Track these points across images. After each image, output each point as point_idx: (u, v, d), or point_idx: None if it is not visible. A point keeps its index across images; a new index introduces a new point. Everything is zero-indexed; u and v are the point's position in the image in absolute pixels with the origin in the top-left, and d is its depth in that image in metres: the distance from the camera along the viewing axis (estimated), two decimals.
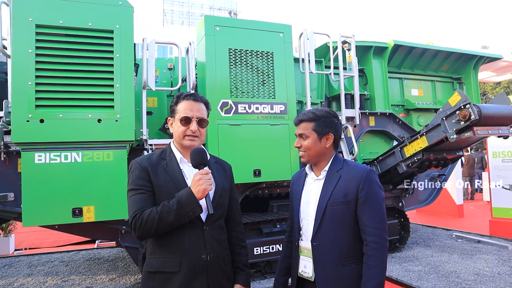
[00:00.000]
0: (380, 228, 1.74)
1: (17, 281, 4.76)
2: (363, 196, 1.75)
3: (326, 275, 1.75)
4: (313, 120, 1.86)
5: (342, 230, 1.77)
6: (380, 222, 1.75)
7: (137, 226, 1.61)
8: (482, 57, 6.82)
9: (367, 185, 1.77)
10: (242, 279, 1.87)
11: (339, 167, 1.85)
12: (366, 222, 1.74)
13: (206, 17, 4.58)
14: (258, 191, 5.03)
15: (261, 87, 4.62)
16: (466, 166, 12.11)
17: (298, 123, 1.91)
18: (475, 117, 3.92)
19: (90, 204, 3.69)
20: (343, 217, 1.76)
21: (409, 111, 6.39)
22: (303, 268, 1.85)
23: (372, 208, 1.75)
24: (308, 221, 1.85)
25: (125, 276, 4.89)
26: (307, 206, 1.87)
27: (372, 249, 1.71)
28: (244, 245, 1.97)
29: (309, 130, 1.86)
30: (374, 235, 1.72)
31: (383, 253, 1.72)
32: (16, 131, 3.52)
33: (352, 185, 1.77)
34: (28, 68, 3.56)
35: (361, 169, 1.81)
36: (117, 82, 3.84)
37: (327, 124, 1.86)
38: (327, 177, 1.84)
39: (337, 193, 1.78)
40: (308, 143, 1.85)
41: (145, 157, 1.79)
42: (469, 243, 5.98)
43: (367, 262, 1.71)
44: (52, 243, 7.33)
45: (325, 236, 1.77)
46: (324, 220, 1.77)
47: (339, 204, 1.76)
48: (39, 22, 3.63)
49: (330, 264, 1.75)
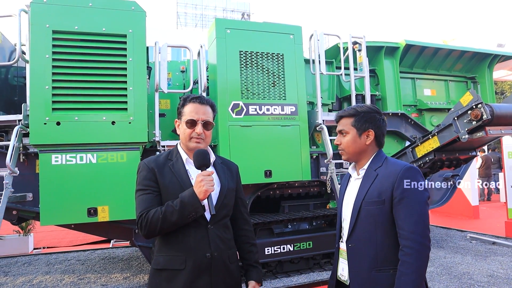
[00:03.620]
0: (416, 232, 1.57)
1: (36, 278, 4.92)
2: (398, 196, 1.62)
3: (359, 280, 1.68)
4: (352, 115, 1.80)
5: (377, 232, 1.66)
6: (417, 225, 1.58)
7: (143, 225, 1.67)
8: (497, 55, 6.71)
9: (403, 183, 1.64)
10: (255, 276, 1.90)
11: (378, 165, 1.75)
12: (401, 225, 1.61)
13: (217, 20, 4.65)
14: (270, 191, 5.07)
15: (271, 89, 4.66)
16: (483, 166, 11.89)
17: (339, 119, 1.86)
18: (487, 116, 3.89)
19: (104, 204, 3.79)
20: (377, 218, 1.66)
21: (421, 111, 6.33)
22: (341, 271, 1.81)
23: (408, 209, 1.61)
24: (346, 222, 1.79)
25: (138, 275, 4.99)
26: (347, 207, 1.82)
27: (405, 255, 1.57)
28: (254, 242, 2.01)
29: (349, 126, 1.80)
30: (408, 239, 1.57)
31: (419, 260, 1.56)
32: (34, 133, 3.65)
33: (387, 183, 1.66)
34: (45, 73, 3.70)
35: (399, 166, 1.69)
36: (130, 85, 3.94)
37: (367, 119, 1.78)
38: (365, 176, 1.77)
39: (372, 192, 1.69)
40: (348, 140, 1.80)
41: (152, 158, 1.85)
42: (484, 245, 5.90)
43: (399, 269, 1.58)
44: (69, 243, 7.51)
45: (359, 237, 1.70)
46: (358, 220, 1.71)
47: (373, 204, 1.67)
48: (55, 28, 3.76)
49: (364, 268, 1.67)
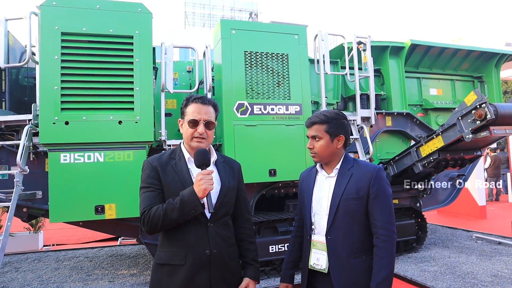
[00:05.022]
0: (390, 222, 1.86)
1: (45, 274, 5.03)
2: (374, 193, 1.87)
3: (339, 267, 1.86)
4: (325, 122, 1.94)
5: (354, 224, 1.88)
6: (389, 216, 1.87)
7: (145, 221, 1.74)
8: (504, 54, 6.67)
9: (377, 182, 1.88)
10: (251, 273, 1.96)
11: (350, 165, 1.96)
12: (376, 217, 1.86)
13: (222, 21, 4.70)
14: (274, 190, 5.11)
15: (276, 89, 4.70)
16: (492, 166, 11.79)
17: (310, 125, 1.99)
18: (491, 116, 3.89)
19: (111, 202, 3.87)
20: (355, 212, 1.87)
21: (427, 111, 6.33)
22: (315, 260, 1.95)
23: (382, 204, 1.87)
24: (320, 216, 1.95)
25: (145, 272, 5.07)
26: (319, 202, 1.96)
27: (382, 242, 1.82)
28: (253, 240, 2.05)
29: (322, 132, 1.94)
30: (384, 229, 1.84)
31: (393, 245, 1.84)
32: (43, 132, 3.75)
33: (364, 182, 1.88)
34: (54, 74, 3.79)
35: (372, 167, 1.93)
36: (137, 85, 4.01)
37: (338, 126, 1.95)
38: (339, 175, 1.94)
39: (349, 189, 1.88)
40: (321, 145, 1.94)
41: (156, 157, 1.91)
42: (489, 245, 5.87)
43: (377, 254, 1.82)
44: (77, 240, 7.65)
45: (338, 230, 1.88)
46: (337, 215, 1.88)
47: (352, 200, 1.87)
48: (64, 30, 3.85)
49: (343, 256, 1.86)
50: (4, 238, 3.62)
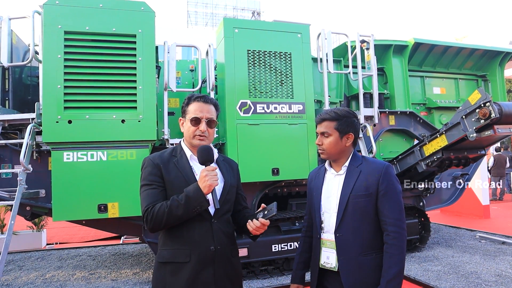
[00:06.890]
0: (400, 219, 1.83)
1: (48, 272, 5.05)
2: (384, 189, 1.85)
3: (349, 265, 1.84)
4: (335, 119, 1.94)
5: (364, 221, 1.86)
6: (399, 213, 1.85)
7: (148, 219, 1.72)
8: (508, 53, 6.62)
9: (387, 179, 1.86)
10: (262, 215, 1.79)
11: (359, 163, 1.94)
12: (386, 214, 1.83)
13: (225, 20, 4.69)
14: (277, 189, 5.10)
15: (279, 87, 4.69)
16: (495, 166, 11.74)
17: (321, 121, 1.98)
18: (496, 115, 3.86)
19: (114, 200, 3.88)
20: (364, 209, 1.85)
21: (431, 110, 6.29)
22: (325, 259, 1.94)
23: (392, 201, 1.85)
24: (330, 214, 1.93)
25: (147, 270, 5.08)
26: (328, 200, 1.95)
27: (393, 239, 1.80)
28: None
29: (331, 129, 1.93)
30: (394, 226, 1.81)
31: (403, 242, 1.82)
32: (47, 131, 3.76)
33: (373, 179, 1.86)
34: (57, 72, 3.79)
35: (380, 164, 1.92)
36: (139, 84, 4.01)
37: (348, 123, 1.94)
38: (347, 172, 1.93)
39: (358, 186, 1.87)
40: (330, 142, 1.93)
41: (156, 155, 1.91)
42: (493, 244, 5.85)
43: (388, 251, 1.80)
44: (80, 239, 7.67)
45: (347, 228, 1.86)
46: (346, 212, 1.86)
47: (361, 197, 1.85)
48: (67, 29, 3.86)
49: (353, 254, 1.84)
50: (8, 237, 3.64)
